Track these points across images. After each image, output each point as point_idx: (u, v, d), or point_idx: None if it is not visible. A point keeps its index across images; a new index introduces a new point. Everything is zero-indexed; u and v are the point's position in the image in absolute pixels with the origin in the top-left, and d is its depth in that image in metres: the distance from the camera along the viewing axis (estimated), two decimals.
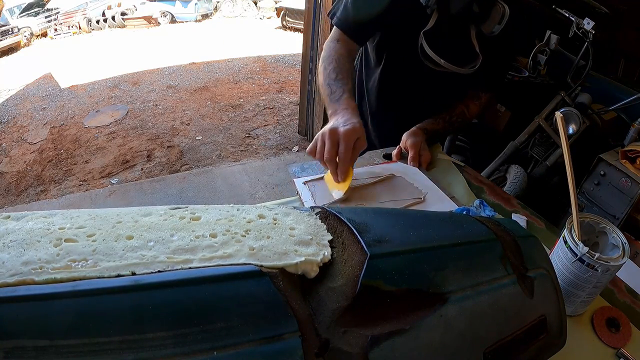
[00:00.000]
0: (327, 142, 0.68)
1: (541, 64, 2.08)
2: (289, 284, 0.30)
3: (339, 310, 0.29)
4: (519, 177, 1.79)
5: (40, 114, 4.34)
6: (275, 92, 4.76)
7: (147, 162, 3.24)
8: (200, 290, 0.27)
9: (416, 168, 0.81)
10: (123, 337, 0.23)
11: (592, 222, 0.54)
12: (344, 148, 0.67)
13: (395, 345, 0.29)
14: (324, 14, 2.68)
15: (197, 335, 0.24)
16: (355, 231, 0.34)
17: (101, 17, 8.87)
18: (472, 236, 0.38)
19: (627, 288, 0.63)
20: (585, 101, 1.76)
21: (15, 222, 0.32)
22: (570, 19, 1.75)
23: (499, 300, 0.35)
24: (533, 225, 0.74)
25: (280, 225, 0.36)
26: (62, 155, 3.42)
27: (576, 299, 0.53)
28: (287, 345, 0.26)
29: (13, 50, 7.38)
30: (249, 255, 0.31)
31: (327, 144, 0.68)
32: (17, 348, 0.22)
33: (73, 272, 0.27)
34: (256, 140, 3.57)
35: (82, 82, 5.15)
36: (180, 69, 5.59)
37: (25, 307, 0.23)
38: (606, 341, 0.52)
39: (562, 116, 0.51)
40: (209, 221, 0.35)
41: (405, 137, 0.88)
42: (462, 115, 0.98)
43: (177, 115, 4.10)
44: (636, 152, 1.51)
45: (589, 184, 1.67)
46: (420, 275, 0.32)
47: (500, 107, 2.21)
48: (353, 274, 0.31)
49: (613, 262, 0.49)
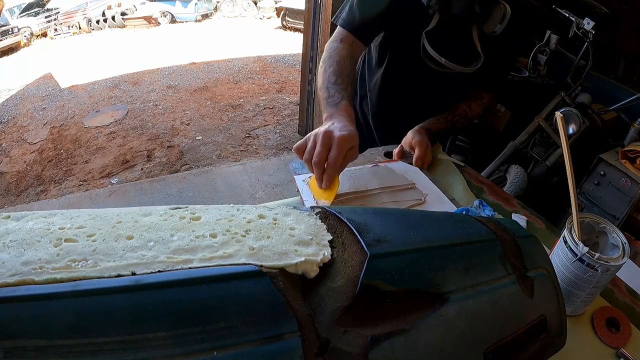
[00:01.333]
0: (318, 143, 0.63)
1: (541, 64, 2.09)
2: (289, 284, 0.30)
3: (339, 310, 0.29)
4: (519, 177, 1.79)
5: (40, 114, 4.34)
6: (275, 92, 4.76)
7: (147, 162, 3.24)
8: (200, 290, 0.27)
9: (417, 168, 0.81)
10: (123, 337, 0.23)
11: (592, 222, 0.54)
12: (335, 153, 0.62)
13: (395, 345, 0.29)
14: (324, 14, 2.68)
15: (197, 335, 0.24)
16: (355, 231, 0.34)
17: (101, 17, 8.87)
18: (472, 236, 0.38)
19: (627, 288, 0.63)
20: (585, 101, 1.76)
21: (15, 222, 0.32)
22: (570, 19, 1.75)
23: (499, 300, 0.35)
24: (533, 225, 0.74)
25: (280, 225, 0.36)
26: (62, 155, 3.42)
27: (576, 299, 0.53)
28: (287, 345, 0.26)
29: (13, 50, 7.37)
30: (249, 255, 0.31)
31: (319, 146, 0.63)
32: (17, 348, 0.22)
33: (73, 272, 0.27)
34: (256, 140, 3.57)
35: (82, 82, 5.15)
36: (180, 69, 5.59)
37: (25, 307, 0.23)
38: (606, 341, 0.52)
39: (562, 116, 0.51)
40: (209, 221, 0.35)
41: (411, 135, 0.87)
42: (464, 115, 0.98)
43: (177, 115, 4.10)
44: (636, 152, 1.51)
45: (589, 184, 1.67)
46: (420, 275, 0.32)
47: (500, 107, 2.21)
48: (353, 274, 0.31)
49: (613, 262, 0.49)
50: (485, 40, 0.88)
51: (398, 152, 0.86)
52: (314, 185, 0.69)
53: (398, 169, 0.80)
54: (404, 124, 0.92)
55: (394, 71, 1.01)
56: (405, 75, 1.00)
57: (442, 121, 0.94)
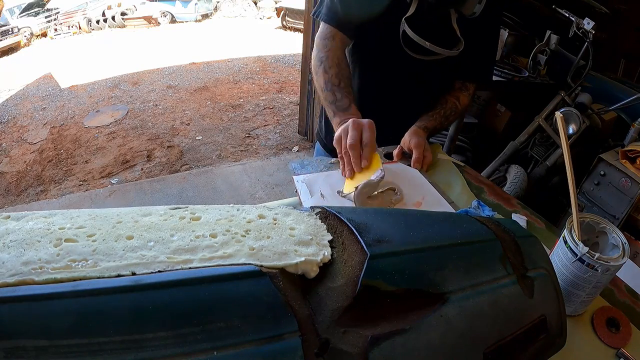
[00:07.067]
0: (350, 129, 0.72)
1: (541, 64, 2.09)
2: (289, 284, 0.30)
3: (339, 310, 0.29)
4: (519, 177, 1.80)
5: (40, 114, 4.34)
6: (275, 92, 4.76)
7: (147, 162, 3.24)
8: (200, 290, 0.27)
9: (416, 170, 0.81)
10: (123, 337, 0.23)
11: (592, 222, 0.54)
12: (368, 134, 0.71)
13: (395, 345, 0.29)
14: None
15: (197, 335, 0.24)
16: (355, 231, 0.34)
17: (101, 17, 8.87)
18: (472, 236, 0.38)
19: (627, 288, 0.63)
20: (585, 101, 1.77)
21: (15, 222, 0.32)
22: (570, 19, 1.75)
23: (499, 300, 0.35)
24: (533, 225, 0.74)
25: (280, 225, 0.36)
26: (62, 155, 3.42)
27: (576, 299, 0.53)
28: (287, 345, 0.26)
29: (13, 50, 7.38)
30: (249, 255, 0.31)
31: (351, 130, 0.71)
32: (17, 348, 0.22)
33: (73, 272, 0.27)
34: (256, 140, 3.57)
35: (82, 82, 5.15)
36: (180, 69, 5.59)
37: (25, 307, 0.23)
38: (606, 341, 0.52)
39: (562, 116, 0.51)
40: (209, 221, 0.35)
41: (408, 137, 0.86)
42: (455, 108, 0.97)
43: (177, 115, 4.10)
44: (636, 152, 1.51)
45: (589, 184, 1.67)
46: (420, 275, 0.32)
47: (500, 107, 2.21)
48: (353, 274, 0.31)
49: (613, 262, 0.49)
50: (468, 26, 0.86)
51: (397, 153, 0.86)
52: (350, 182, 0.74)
53: (397, 170, 0.80)
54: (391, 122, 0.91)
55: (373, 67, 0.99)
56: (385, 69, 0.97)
57: (436, 117, 0.93)
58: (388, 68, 0.97)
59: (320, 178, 0.76)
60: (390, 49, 0.91)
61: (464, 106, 1.00)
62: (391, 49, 0.91)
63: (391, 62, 0.95)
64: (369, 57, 0.98)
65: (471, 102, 1.01)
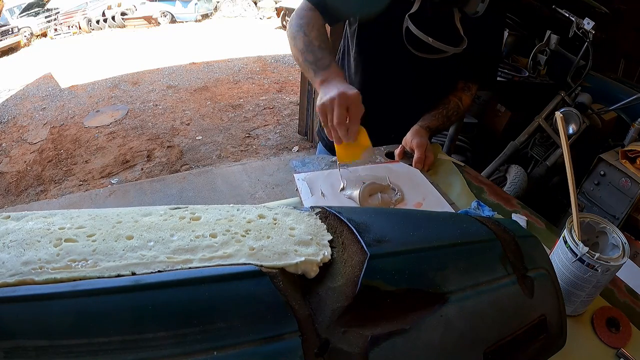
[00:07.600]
0: (336, 105, 0.71)
1: (541, 64, 2.09)
2: (289, 284, 0.30)
3: (339, 310, 0.29)
4: (519, 177, 1.80)
5: (40, 114, 4.34)
6: (275, 92, 4.76)
7: (147, 162, 3.24)
8: (200, 291, 0.27)
9: (417, 170, 0.81)
10: (123, 337, 0.23)
11: (592, 222, 0.54)
12: (355, 110, 0.71)
13: (395, 345, 0.29)
14: None
15: (197, 335, 0.24)
16: (355, 231, 0.34)
17: (101, 17, 8.87)
18: (472, 236, 0.38)
19: (627, 288, 0.63)
20: (585, 101, 1.77)
21: (15, 222, 0.32)
22: (570, 19, 1.75)
23: (499, 300, 0.35)
24: (533, 225, 0.74)
25: (280, 225, 0.36)
26: (62, 155, 3.42)
27: (576, 299, 0.53)
28: (287, 345, 0.26)
29: (13, 50, 7.38)
30: (249, 255, 0.31)
31: (337, 108, 0.70)
32: (17, 348, 0.22)
33: (73, 272, 0.27)
34: (256, 140, 3.57)
35: (82, 82, 5.15)
36: (180, 69, 5.58)
37: (25, 307, 0.23)
38: (606, 341, 0.52)
39: (562, 116, 0.51)
40: (209, 221, 0.35)
41: (410, 136, 0.86)
42: (457, 108, 0.97)
43: (177, 115, 4.10)
44: (636, 152, 1.51)
45: (589, 184, 1.67)
46: (420, 275, 0.32)
47: (500, 107, 2.21)
48: (353, 274, 0.31)
49: (613, 262, 0.49)
50: (471, 26, 0.86)
51: (399, 152, 0.86)
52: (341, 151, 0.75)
53: (398, 170, 0.80)
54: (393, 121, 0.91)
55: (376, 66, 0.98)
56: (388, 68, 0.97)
57: (438, 117, 0.93)
58: (391, 67, 0.97)
59: (321, 177, 0.76)
60: (393, 48, 0.91)
61: (466, 106, 0.99)
62: (394, 48, 0.90)
63: (394, 61, 0.95)
64: (371, 56, 0.98)
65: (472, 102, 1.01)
